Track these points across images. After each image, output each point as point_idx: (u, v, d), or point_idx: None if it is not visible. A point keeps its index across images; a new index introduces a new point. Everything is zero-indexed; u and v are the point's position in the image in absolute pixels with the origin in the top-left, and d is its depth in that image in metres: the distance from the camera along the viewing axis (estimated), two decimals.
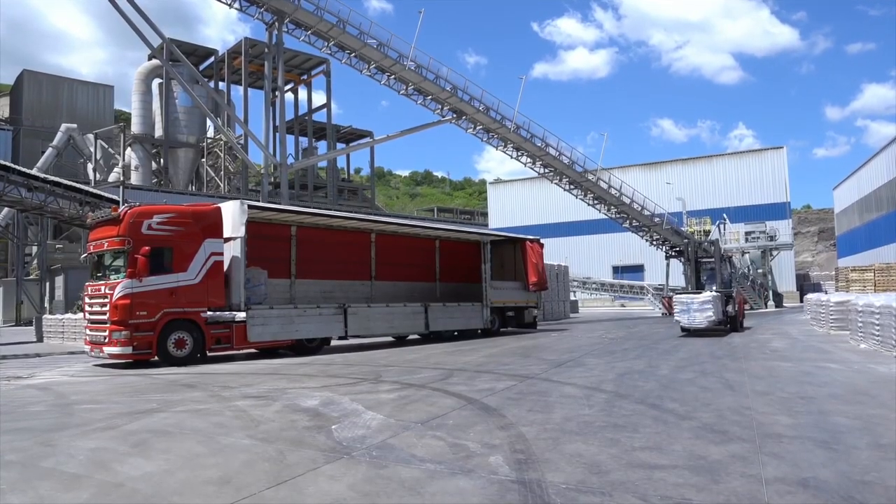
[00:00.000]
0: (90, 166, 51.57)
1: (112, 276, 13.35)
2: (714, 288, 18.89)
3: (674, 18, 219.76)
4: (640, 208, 38.53)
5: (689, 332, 18.12)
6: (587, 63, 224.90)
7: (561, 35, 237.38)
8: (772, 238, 45.86)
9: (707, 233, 47.82)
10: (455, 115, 34.66)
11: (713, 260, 20.39)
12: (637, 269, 57.84)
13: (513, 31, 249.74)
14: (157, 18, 32.50)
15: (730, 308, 18.47)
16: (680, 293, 19.48)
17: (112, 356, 13.10)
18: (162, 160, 57.20)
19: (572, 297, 41.94)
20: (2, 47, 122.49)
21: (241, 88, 59.14)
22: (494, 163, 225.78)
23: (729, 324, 18.63)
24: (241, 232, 14.32)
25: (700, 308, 17.42)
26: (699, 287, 19.39)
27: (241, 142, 52.32)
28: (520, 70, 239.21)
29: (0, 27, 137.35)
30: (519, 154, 36.56)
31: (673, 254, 39.45)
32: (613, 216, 39.33)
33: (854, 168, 56.74)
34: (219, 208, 14.53)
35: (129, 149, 54.52)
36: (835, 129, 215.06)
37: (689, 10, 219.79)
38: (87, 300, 14.28)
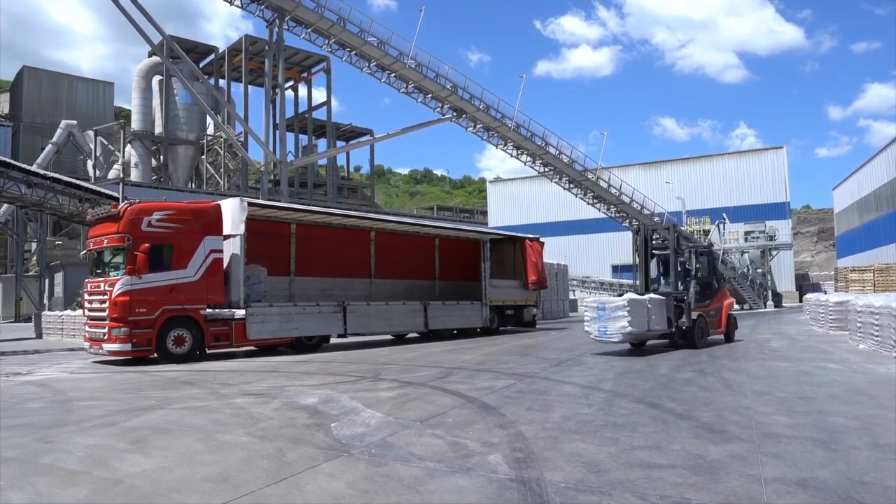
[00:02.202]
0: (90, 163, 51.54)
1: (112, 273, 13.34)
2: (666, 288, 14.47)
3: (677, 17, 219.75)
4: (639, 207, 38.60)
5: (638, 346, 13.95)
6: (590, 61, 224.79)
7: (564, 33, 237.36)
8: (771, 238, 45.89)
9: (707, 232, 47.94)
10: (455, 114, 34.69)
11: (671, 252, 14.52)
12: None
13: (515, 28, 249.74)
14: (160, 14, 32.50)
15: (683, 319, 13.77)
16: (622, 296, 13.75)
17: (111, 353, 13.10)
18: (162, 157, 57.17)
19: (571, 296, 41.94)
20: (3, 42, 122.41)
21: (241, 86, 59.13)
22: (495, 161, 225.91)
23: (684, 337, 14.00)
24: (241, 229, 14.31)
25: (613, 316, 12.66)
26: (648, 288, 14.20)
27: (241, 139, 52.31)
28: (523, 68, 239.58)
29: (2, 22, 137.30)
30: (519, 153, 36.62)
31: None
32: (613, 215, 39.38)
33: (854, 168, 56.83)
34: (218, 205, 14.51)
35: (128, 146, 54.48)
36: (837, 128, 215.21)
37: (693, 8, 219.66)
38: (86, 297, 14.26)
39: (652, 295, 13.54)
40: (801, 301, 41.75)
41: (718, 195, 57.70)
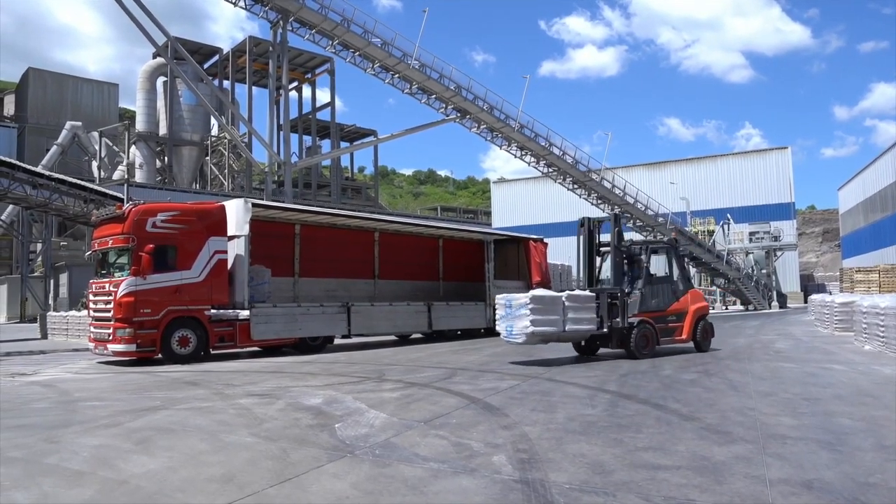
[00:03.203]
0: (94, 164, 51.70)
1: (116, 274, 13.39)
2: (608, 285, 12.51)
3: (683, 16, 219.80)
4: (643, 208, 38.50)
5: (588, 353, 12.77)
6: (595, 61, 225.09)
7: (569, 33, 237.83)
8: (776, 238, 45.74)
9: (711, 232, 47.83)
10: (459, 114, 34.68)
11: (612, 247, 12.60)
12: None
13: (520, 29, 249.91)
14: (165, 15, 32.61)
15: (618, 319, 12.06)
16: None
17: (116, 353, 13.14)
18: (166, 158, 57.38)
19: None
20: (9, 44, 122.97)
21: (245, 87, 59.31)
22: (500, 161, 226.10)
23: (623, 344, 12.24)
24: (245, 230, 14.33)
25: (518, 314, 11.27)
26: (592, 284, 12.68)
27: (245, 140, 52.42)
28: (527, 68, 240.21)
29: (7, 23, 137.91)
30: (523, 153, 36.58)
31: None
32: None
33: (860, 168, 56.63)
34: (223, 206, 14.55)
35: (133, 147, 54.65)
36: (843, 128, 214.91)
37: (698, 8, 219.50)
38: (91, 297, 14.31)
39: (576, 291, 12.19)
40: (805, 302, 41.64)
41: (723, 196, 57.58)
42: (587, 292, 12.18)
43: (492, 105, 34.65)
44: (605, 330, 12.10)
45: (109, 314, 13.14)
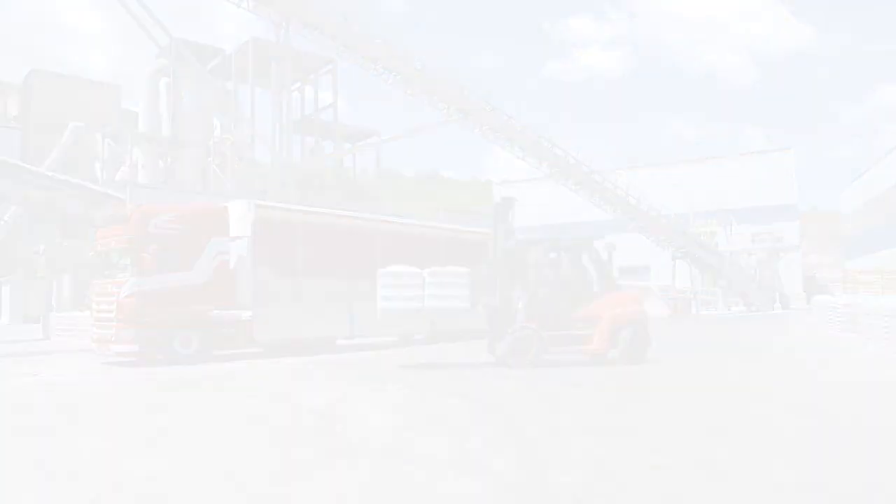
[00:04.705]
0: (97, 165, 51.82)
1: (119, 275, 13.40)
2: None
3: (689, 17, 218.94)
4: (646, 209, 38.46)
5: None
6: (600, 62, 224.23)
7: (574, 34, 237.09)
8: (779, 240, 45.64)
9: (713, 233, 47.76)
10: (462, 116, 34.68)
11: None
12: (643, 270, 57.67)
13: (524, 29, 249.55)
14: (171, 15, 32.75)
15: (490, 297, 11.13)
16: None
17: (118, 354, 13.16)
18: (169, 159, 57.41)
19: None
20: (13, 44, 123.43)
21: (248, 88, 59.31)
22: (503, 162, 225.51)
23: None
24: (248, 231, 14.36)
25: (377, 292, 11.31)
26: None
27: (248, 141, 52.49)
28: (531, 68, 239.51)
29: (11, 24, 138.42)
30: (525, 154, 36.55)
31: (679, 254, 39.43)
32: (620, 217, 39.26)
33: (864, 170, 56.51)
34: (225, 207, 14.57)
35: (136, 148, 54.74)
36: (847, 129, 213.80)
37: (704, 8, 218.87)
38: (94, 298, 14.33)
39: (448, 268, 11.52)
40: (808, 303, 41.55)
41: (726, 197, 57.43)
42: (458, 269, 11.38)
43: (494, 106, 34.65)
44: (479, 308, 11.26)
45: (112, 315, 13.14)
